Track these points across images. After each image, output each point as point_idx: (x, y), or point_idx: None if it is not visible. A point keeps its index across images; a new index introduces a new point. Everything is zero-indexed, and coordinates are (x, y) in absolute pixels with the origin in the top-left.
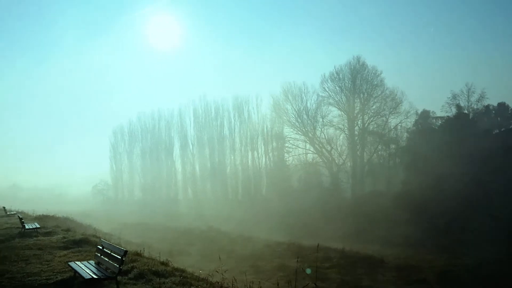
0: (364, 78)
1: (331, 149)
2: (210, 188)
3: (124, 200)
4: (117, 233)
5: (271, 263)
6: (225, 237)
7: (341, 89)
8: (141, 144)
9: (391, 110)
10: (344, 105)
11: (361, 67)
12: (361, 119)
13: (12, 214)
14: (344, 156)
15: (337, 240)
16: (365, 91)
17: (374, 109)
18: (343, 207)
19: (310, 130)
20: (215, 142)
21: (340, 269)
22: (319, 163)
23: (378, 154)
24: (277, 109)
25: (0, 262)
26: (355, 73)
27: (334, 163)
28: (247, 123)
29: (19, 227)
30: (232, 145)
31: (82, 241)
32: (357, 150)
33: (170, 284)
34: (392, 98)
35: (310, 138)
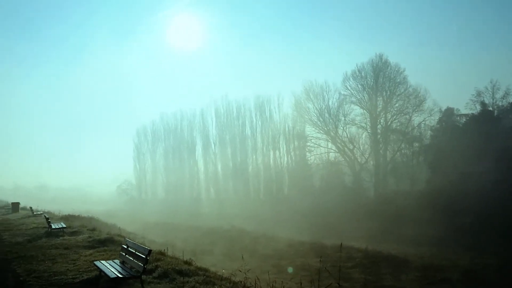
0: (386, 76)
1: (354, 148)
2: (232, 188)
3: (147, 199)
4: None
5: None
6: (248, 237)
7: (363, 87)
8: (164, 144)
9: (415, 108)
10: (367, 103)
11: (384, 64)
12: (384, 117)
13: (39, 214)
14: (366, 155)
15: (360, 240)
16: (388, 89)
17: (397, 107)
18: (366, 206)
19: (332, 129)
20: (237, 141)
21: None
22: (341, 162)
23: (401, 152)
24: (299, 108)
25: (28, 261)
26: (378, 71)
27: (357, 162)
28: (269, 123)
29: (46, 226)
30: (254, 145)
31: (107, 240)
32: (380, 149)
33: (193, 283)
34: (416, 96)
35: (332, 137)
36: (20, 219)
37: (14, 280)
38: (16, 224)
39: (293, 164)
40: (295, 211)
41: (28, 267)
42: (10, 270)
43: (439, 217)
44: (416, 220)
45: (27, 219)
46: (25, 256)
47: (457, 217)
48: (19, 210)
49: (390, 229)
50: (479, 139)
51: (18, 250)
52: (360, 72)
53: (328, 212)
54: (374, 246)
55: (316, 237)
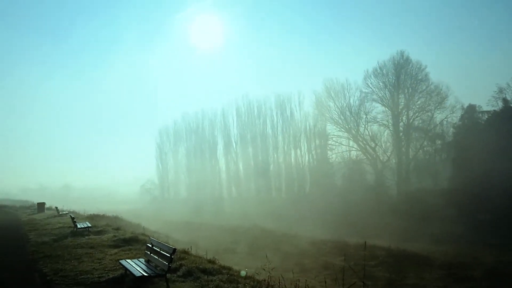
0: (408, 73)
1: (375, 146)
2: (253, 187)
3: (170, 199)
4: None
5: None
6: (270, 235)
7: (384, 85)
8: (186, 143)
9: (437, 105)
10: (388, 101)
11: (405, 61)
12: (405, 115)
13: (64, 213)
14: (388, 152)
15: (383, 238)
16: (410, 86)
17: (419, 105)
18: (389, 204)
19: (353, 127)
20: (258, 140)
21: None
22: (363, 160)
23: (423, 150)
24: (320, 107)
25: (54, 260)
26: (399, 68)
27: (379, 160)
28: (290, 121)
29: (71, 226)
30: (275, 144)
31: (131, 239)
32: (402, 147)
33: (217, 282)
34: (437, 93)
35: (354, 135)
36: (46, 219)
37: (41, 279)
38: (42, 224)
39: (314, 163)
40: (317, 210)
41: (55, 267)
42: (37, 269)
43: (462, 215)
44: (440, 218)
45: (53, 219)
46: (51, 255)
47: (481, 214)
48: (44, 210)
49: (413, 227)
50: (502, 136)
51: (44, 250)
52: (381, 70)
53: (351, 211)
54: (397, 245)
55: (339, 235)
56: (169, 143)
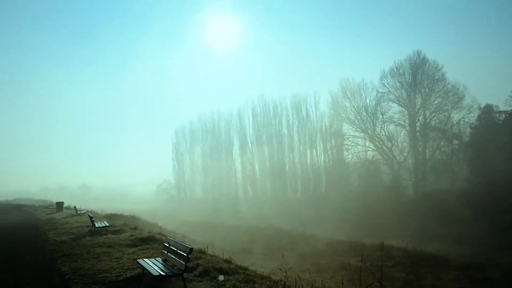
0: (425, 73)
1: (392, 146)
2: (269, 187)
3: (186, 199)
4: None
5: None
6: (286, 235)
7: (401, 85)
8: (202, 144)
9: (453, 105)
10: (405, 101)
11: (422, 61)
12: (422, 115)
13: (83, 213)
14: (405, 153)
15: (399, 239)
16: (426, 86)
17: (436, 104)
18: (405, 205)
19: (369, 127)
20: (273, 141)
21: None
22: (380, 160)
23: (440, 150)
24: (336, 107)
25: (72, 259)
26: (416, 68)
27: (395, 160)
28: (306, 121)
29: (89, 225)
30: (290, 144)
31: (148, 239)
32: (419, 147)
33: (234, 282)
34: (454, 93)
35: (370, 135)
36: (65, 218)
37: (60, 278)
38: (61, 223)
39: (330, 163)
40: (333, 210)
41: (73, 265)
42: (55, 268)
43: (480, 215)
44: (457, 219)
45: (71, 218)
46: (70, 254)
47: (498, 215)
48: (63, 209)
49: (430, 228)
50: None
51: (63, 249)
52: (398, 69)
53: (367, 211)
54: (414, 245)
55: (355, 236)
56: (185, 143)
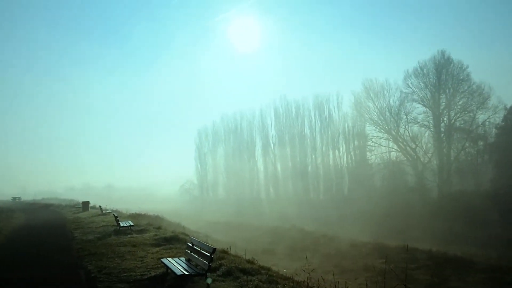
0: (449, 73)
1: (416, 147)
2: (291, 188)
3: (209, 199)
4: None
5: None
6: (308, 236)
7: (425, 85)
8: (224, 144)
9: (479, 105)
10: (429, 101)
11: (446, 61)
12: (447, 115)
13: (108, 212)
14: (429, 154)
15: (423, 241)
16: (451, 86)
17: (461, 105)
18: (430, 206)
19: (393, 127)
20: (296, 141)
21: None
22: (403, 161)
23: (465, 151)
24: (359, 107)
25: (98, 258)
26: (440, 68)
27: (419, 161)
28: (328, 122)
29: (114, 225)
30: (313, 145)
31: (172, 238)
32: (444, 148)
33: (256, 282)
34: (480, 93)
35: (394, 136)
36: (90, 218)
37: (86, 276)
38: (87, 222)
39: (353, 164)
40: (356, 211)
41: (99, 264)
42: (82, 266)
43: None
44: (482, 221)
45: (97, 218)
46: (95, 253)
47: None
48: (89, 208)
49: (455, 230)
50: None
51: (89, 247)
52: (422, 70)
53: (390, 213)
54: (438, 247)
55: (378, 237)
56: (208, 143)
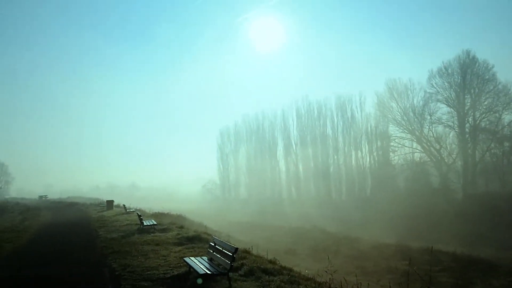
0: (474, 73)
1: (440, 147)
2: (313, 188)
3: (231, 199)
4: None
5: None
6: (330, 237)
7: (450, 85)
8: (246, 144)
9: (505, 105)
10: (454, 102)
11: (471, 61)
12: (472, 116)
13: (131, 211)
14: (454, 155)
15: (447, 243)
16: (476, 86)
17: (486, 105)
18: (454, 208)
19: (417, 128)
20: (318, 142)
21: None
22: (427, 162)
23: (490, 152)
24: (382, 107)
25: (122, 256)
26: (465, 68)
27: (444, 162)
28: (350, 122)
29: (138, 223)
30: (335, 145)
31: (194, 238)
32: (468, 149)
33: (278, 282)
34: (506, 93)
35: (417, 136)
36: (114, 216)
37: (110, 274)
38: (111, 221)
39: (376, 165)
40: (378, 213)
41: (123, 262)
42: (106, 264)
43: None
44: (508, 223)
45: (121, 216)
46: (119, 251)
47: None
48: (113, 207)
49: (480, 232)
50: None
51: (113, 246)
52: (446, 69)
53: (414, 214)
54: (463, 250)
55: (401, 239)
56: (230, 144)
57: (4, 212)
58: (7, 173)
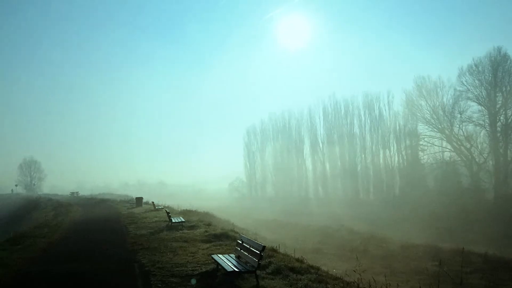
0: (506, 70)
1: (471, 146)
2: (340, 187)
3: (257, 197)
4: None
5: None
6: (357, 237)
7: (480, 83)
8: (272, 143)
9: None
10: (485, 100)
11: (503, 58)
12: (503, 114)
13: (160, 208)
14: (485, 154)
15: (478, 244)
16: (508, 84)
17: None
18: (485, 208)
19: (446, 126)
20: (345, 140)
21: (482, 274)
22: (457, 161)
23: None
24: (410, 106)
25: (151, 252)
26: (496, 65)
27: (474, 161)
28: (378, 121)
29: (166, 220)
30: (362, 144)
31: (222, 235)
32: (500, 148)
33: (306, 281)
34: None
35: (447, 135)
36: (143, 213)
37: (140, 270)
38: (140, 217)
39: (404, 164)
40: (407, 212)
41: (152, 258)
42: (136, 260)
43: None
44: None
45: (150, 213)
46: (149, 247)
47: None
48: (142, 204)
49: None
50: None
51: (142, 242)
52: (477, 67)
53: (444, 214)
54: (494, 251)
55: (431, 240)
56: (257, 142)
57: (38, 208)
58: (40, 170)
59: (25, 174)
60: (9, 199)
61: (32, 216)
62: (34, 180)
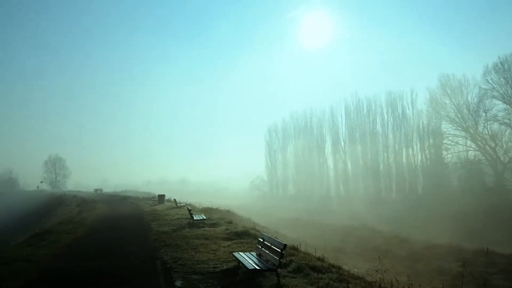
0: None
1: (496, 145)
2: (362, 186)
3: (278, 195)
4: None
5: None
6: (380, 237)
7: (506, 81)
8: (294, 141)
9: None
10: (510, 98)
11: None
12: None
13: (182, 205)
14: (510, 153)
15: (503, 245)
16: None
17: None
18: (510, 209)
19: (471, 125)
20: (367, 139)
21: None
22: (482, 161)
23: None
24: (434, 104)
25: (173, 249)
26: None
27: (499, 161)
28: (401, 119)
29: (188, 218)
30: (385, 142)
31: (243, 233)
32: None
33: (327, 280)
34: None
35: (472, 134)
36: (166, 210)
37: (162, 266)
38: (162, 214)
39: (428, 163)
40: (430, 212)
41: (174, 255)
42: (158, 257)
43: None
44: None
45: (172, 210)
46: (171, 244)
47: None
48: (164, 201)
49: None
50: None
51: (164, 239)
52: (502, 65)
53: (467, 214)
54: None
55: (454, 240)
56: (278, 140)
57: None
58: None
59: (50, 171)
60: (34, 195)
61: (57, 213)
62: (59, 177)
